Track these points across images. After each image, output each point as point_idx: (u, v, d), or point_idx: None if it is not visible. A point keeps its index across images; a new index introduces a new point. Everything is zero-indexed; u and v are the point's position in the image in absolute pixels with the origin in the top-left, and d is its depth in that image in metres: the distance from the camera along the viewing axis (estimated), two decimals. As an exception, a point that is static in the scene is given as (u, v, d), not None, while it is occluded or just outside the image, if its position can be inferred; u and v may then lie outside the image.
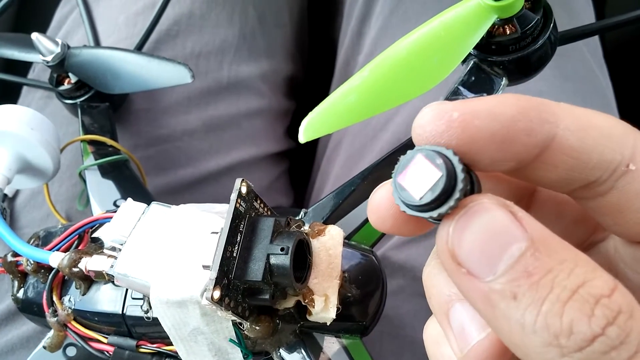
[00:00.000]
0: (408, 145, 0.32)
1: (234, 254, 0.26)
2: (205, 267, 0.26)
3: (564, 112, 0.17)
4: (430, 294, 0.19)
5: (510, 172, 0.18)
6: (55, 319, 0.34)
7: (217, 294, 0.24)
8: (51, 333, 0.35)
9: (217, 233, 0.26)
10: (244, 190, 0.27)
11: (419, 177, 0.16)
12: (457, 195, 0.15)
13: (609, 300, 0.14)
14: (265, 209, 0.29)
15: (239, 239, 0.26)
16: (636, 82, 0.70)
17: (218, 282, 0.24)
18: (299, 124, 0.28)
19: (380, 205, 0.18)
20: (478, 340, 0.17)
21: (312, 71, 0.70)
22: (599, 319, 0.14)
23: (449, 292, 0.18)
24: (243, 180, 0.27)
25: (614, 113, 0.52)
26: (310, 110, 0.29)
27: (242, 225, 0.27)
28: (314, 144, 0.63)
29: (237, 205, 0.26)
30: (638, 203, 0.17)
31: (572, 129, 0.17)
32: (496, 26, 0.31)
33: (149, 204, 0.32)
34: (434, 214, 0.15)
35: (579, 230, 0.21)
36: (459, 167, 0.15)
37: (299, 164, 0.66)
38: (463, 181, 0.15)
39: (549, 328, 0.14)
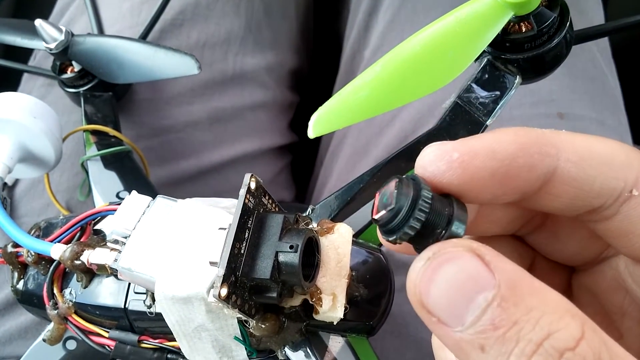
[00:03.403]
0: (420, 142, 0.32)
1: (242, 251, 0.25)
2: (212, 263, 0.26)
3: (564, 143, 0.17)
4: None
5: (514, 203, 0.18)
6: (56, 311, 0.33)
7: (224, 291, 0.24)
8: (51, 326, 0.34)
9: (224, 229, 0.26)
10: (253, 185, 0.26)
11: (386, 199, 0.17)
12: (404, 230, 0.16)
13: (573, 353, 0.14)
14: (274, 206, 0.28)
15: (247, 235, 0.26)
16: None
17: (225, 280, 0.24)
18: (303, 118, 0.28)
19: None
20: None
21: (317, 65, 0.70)
22: None
23: None
24: (252, 175, 0.26)
25: (623, 113, 0.52)
26: (315, 104, 0.29)
27: (250, 221, 0.26)
28: (317, 138, 0.63)
29: (246, 201, 0.26)
30: None
31: (574, 160, 0.17)
32: (512, 23, 0.30)
33: (152, 197, 0.32)
34: (388, 237, 0.16)
35: (594, 244, 0.21)
36: (418, 205, 0.16)
37: (302, 158, 0.65)
38: (415, 220, 0.16)
39: None
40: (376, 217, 0.16)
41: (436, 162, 0.17)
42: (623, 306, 0.20)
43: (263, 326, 0.27)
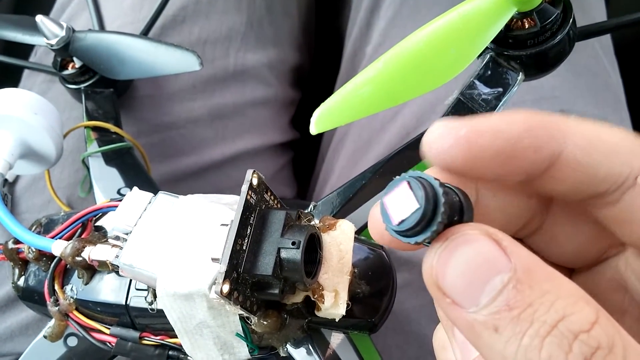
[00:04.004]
0: (419, 140, 0.32)
1: (244, 247, 0.25)
2: (214, 259, 0.26)
3: (571, 128, 0.17)
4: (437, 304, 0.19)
5: (520, 185, 0.19)
6: (57, 308, 0.33)
7: (226, 287, 0.24)
8: (52, 322, 0.34)
9: (226, 225, 0.25)
10: (255, 182, 0.26)
11: (401, 203, 0.16)
12: (434, 227, 0.15)
13: (588, 335, 0.14)
14: (276, 202, 0.28)
15: (249, 231, 0.26)
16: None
17: (227, 276, 0.24)
18: (304, 115, 0.28)
19: (378, 221, 0.18)
20: (478, 354, 0.17)
21: (318, 61, 0.69)
22: (576, 356, 0.14)
23: None
24: (254, 171, 0.26)
25: (625, 110, 0.52)
26: (316, 101, 0.28)
27: (252, 217, 0.26)
28: (319, 135, 0.63)
29: (248, 197, 0.25)
30: None
31: (580, 145, 0.17)
32: (515, 20, 0.30)
33: (154, 193, 0.32)
34: (411, 241, 0.16)
35: (593, 246, 0.21)
36: (441, 200, 0.16)
37: (303, 154, 0.65)
38: (443, 215, 0.15)
39: None
40: (401, 223, 0.16)
41: (443, 137, 0.17)
42: (623, 305, 0.20)
43: (265, 323, 0.27)
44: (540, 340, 0.14)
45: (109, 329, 0.33)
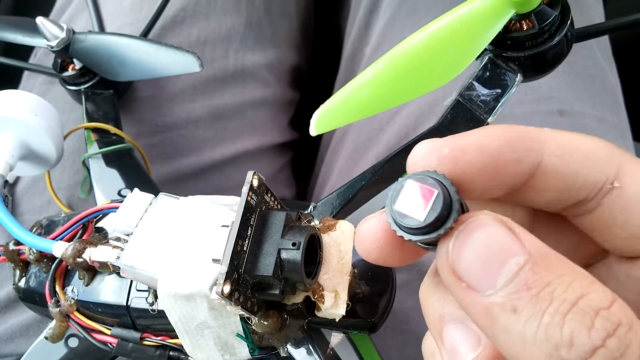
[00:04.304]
0: (421, 140, 0.32)
1: (245, 248, 0.25)
2: (215, 260, 0.26)
3: (547, 139, 0.18)
4: (425, 312, 0.20)
5: (503, 198, 0.19)
6: (58, 309, 0.33)
7: (227, 288, 0.24)
8: (53, 323, 0.34)
9: (227, 226, 0.26)
10: (255, 183, 0.26)
11: (416, 201, 0.16)
12: (455, 210, 0.16)
13: (608, 312, 0.14)
14: (276, 203, 0.28)
15: (249, 232, 0.26)
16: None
17: (228, 277, 0.24)
18: (303, 115, 0.28)
19: (366, 237, 0.19)
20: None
21: (317, 62, 0.70)
22: (598, 331, 0.14)
23: (442, 312, 0.19)
24: (255, 173, 0.26)
25: (623, 111, 0.52)
26: (315, 101, 0.29)
27: (252, 218, 0.26)
28: (318, 136, 0.63)
29: (249, 198, 0.26)
30: (623, 219, 0.18)
31: (557, 154, 0.17)
32: (513, 21, 0.30)
33: (154, 194, 0.32)
34: (441, 231, 0.16)
35: (579, 252, 0.21)
36: (451, 187, 0.16)
37: (303, 155, 0.65)
38: (458, 198, 0.16)
39: (549, 340, 0.14)
40: (426, 221, 0.16)
41: (427, 157, 0.17)
42: None
43: (265, 323, 0.27)
44: (561, 318, 0.14)
45: (110, 329, 0.33)
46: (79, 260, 0.32)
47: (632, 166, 0.18)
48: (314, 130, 0.28)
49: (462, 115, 0.32)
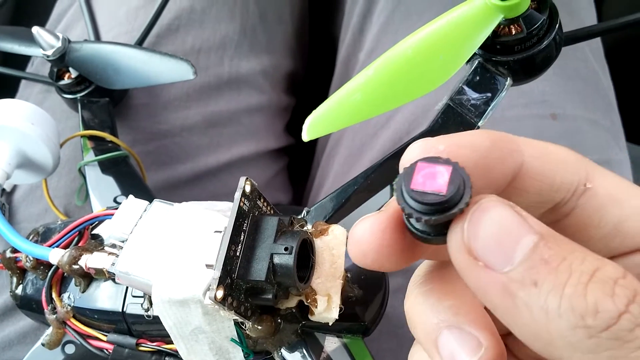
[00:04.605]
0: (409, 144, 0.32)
1: (237, 253, 0.25)
2: (209, 266, 0.26)
3: (525, 143, 0.18)
4: (415, 324, 0.19)
5: None
6: (55, 316, 0.34)
7: (220, 293, 0.24)
8: (50, 330, 0.35)
9: (220, 232, 0.26)
10: (247, 189, 0.27)
11: (431, 179, 0.16)
12: (469, 187, 0.16)
13: (625, 281, 0.14)
14: (269, 208, 0.29)
15: (242, 238, 0.26)
16: (636, 82, 0.70)
17: (221, 282, 0.24)
18: (299, 120, 0.28)
19: (363, 238, 0.18)
20: None
21: (312, 68, 0.70)
22: (621, 298, 0.14)
23: (436, 319, 0.18)
24: (247, 178, 0.27)
25: (615, 113, 0.52)
26: (310, 107, 0.29)
27: (245, 224, 0.26)
28: (313, 141, 0.63)
29: (241, 204, 0.26)
30: (597, 218, 0.18)
31: (535, 156, 0.18)
32: (502, 26, 0.31)
33: (150, 201, 0.32)
34: (462, 205, 0.16)
35: None
36: (458, 166, 0.16)
37: (298, 160, 0.65)
38: (469, 180, 0.16)
39: (574, 310, 0.14)
40: (448, 194, 0.16)
41: (423, 154, 0.17)
42: None
43: (259, 327, 0.28)
44: (583, 288, 0.14)
45: (106, 336, 0.33)
46: (75, 267, 0.32)
47: (598, 170, 0.18)
48: (306, 136, 0.29)
49: (453, 119, 0.32)
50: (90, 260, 0.32)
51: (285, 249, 0.26)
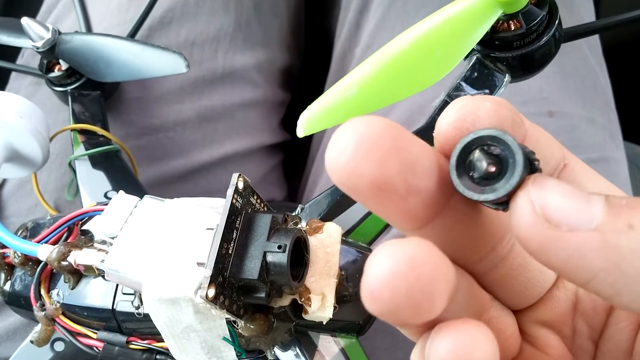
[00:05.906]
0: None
1: (230, 251, 0.25)
2: (200, 264, 0.26)
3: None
4: None
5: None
6: (43, 313, 0.33)
7: (211, 292, 0.24)
8: (39, 327, 0.34)
9: (212, 229, 0.25)
10: (240, 185, 0.26)
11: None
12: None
13: None
14: (262, 205, 0.28)
15: (234, 235, 0.25)
16: (634, 80, 0.70)
17: (213, 280, 0.24)
18: (294, 116, 0.28)
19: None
20: None
21: (308, 63, 0.69)
22: None
23: None
24: (240, 175, 0.26)
25: (613, 111, 0.52)
26: (305, 102, 0.28)
27: (238, 221, 0.26)
28: (309, 137, 0.63)
29: (234, 200, 0.25)
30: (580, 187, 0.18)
31: (531, 130, 0.19)
32: (501, 21, 0.30)
33: (141, 197, 0.32)
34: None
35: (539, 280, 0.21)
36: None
37: (293, 156, 0.65)
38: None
39: None
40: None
41: (473, 113, 0.17)
42: (577, 327, 0.20)
43: (252, 326, 0.27)
44: None
45: (96, 333, 0.33)
46: (64, 263, 0.31)
47: (567, 151, 0.20)
48: (301, 132, 0.28)
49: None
50: (79, 257, 0.31)
51: (279, 247, 0.25)
